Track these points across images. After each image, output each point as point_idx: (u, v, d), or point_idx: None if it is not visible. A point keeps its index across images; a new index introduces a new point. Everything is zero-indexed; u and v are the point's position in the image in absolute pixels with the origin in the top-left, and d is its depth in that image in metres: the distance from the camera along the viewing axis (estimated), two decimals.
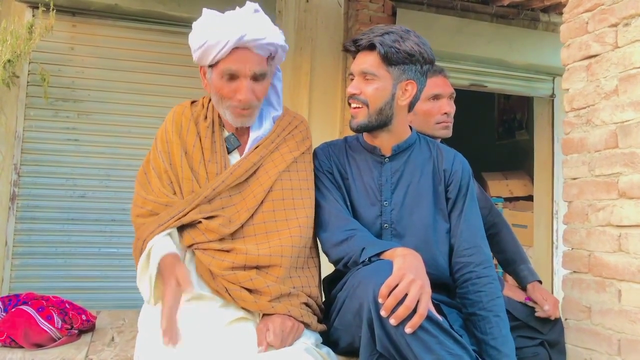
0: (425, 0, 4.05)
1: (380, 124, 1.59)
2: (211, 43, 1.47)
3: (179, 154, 1.55)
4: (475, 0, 4.09)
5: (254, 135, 1.62)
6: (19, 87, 3.39)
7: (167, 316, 1.30)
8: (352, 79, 1.61)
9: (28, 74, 3.44)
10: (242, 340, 1.36)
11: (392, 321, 1.22)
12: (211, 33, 1.48)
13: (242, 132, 1.63)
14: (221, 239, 1.47)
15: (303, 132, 1.70)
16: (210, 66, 1.54)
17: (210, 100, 1.65)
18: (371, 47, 1.54)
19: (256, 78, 1.52)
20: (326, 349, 1.47)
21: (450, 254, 1.62)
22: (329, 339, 1.53)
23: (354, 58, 1.62)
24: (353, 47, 1.59)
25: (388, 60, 1.53)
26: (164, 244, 1.43)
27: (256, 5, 1.57)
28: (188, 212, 1.47)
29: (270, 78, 1.60)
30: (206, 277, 1.45)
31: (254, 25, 1.50)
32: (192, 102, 1.68)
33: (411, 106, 1.62)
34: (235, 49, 1.48)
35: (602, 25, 1.97)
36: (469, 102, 4.60)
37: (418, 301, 1.23)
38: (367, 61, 1.56)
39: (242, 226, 1.51)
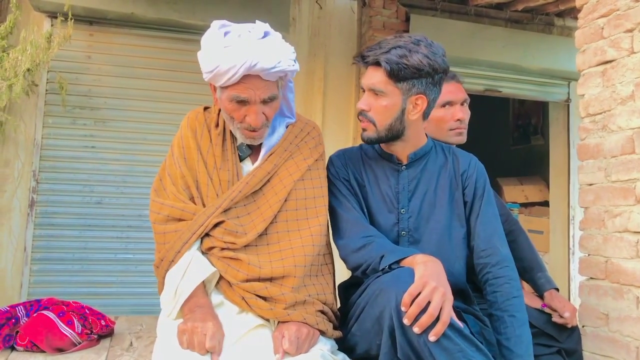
0: (439, 6, 4.06)
1: (391, 137, 1.59)
2: (221, 70, 1.45)
3: (197, 158, 1.56)
4: (489, 5, 4.08)
5: (267, 143, 1.62)
6: (37, 95, 3.46)
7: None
8: (363, 92, 1.61)
9: (47, 83, 3.51)
10: (258, 347, 1.37)
11: (416, 329, 1.23)
12: (222, 59, 1.44)
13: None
14: (235, 250, 1.48)
15: (315, 138, 1.70)
16: (221, 86, 1.52)
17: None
18: (378, 63, 1.52)
19: (266, 102, 1.51)
20: (342, 356, 1.47)
21: (469, 258, 1.62)
22: (344, 345, 1.53)
23: (365, 68, 1.61)
24: (362, 63, 1.57)
25: (395, 76, 1.51)
26: (193, 273, 1.44)
27: (266, 27, 1.54)
28: (207, 225, 1.49)
29: (280, 96, 1.58)
30: (224, 286, 1.47)
31: (265, 53, 1.45)
32: (205, 108, 1.69)
33: (425, 115, 1.62)
34: (245, 76, 1.45)
35: (618, 31, 1.96)
36: (484, 107, 4.59)
37: (441, 309, 1.24)
38: (375, 77, 1.54)
39: (255, 241, 1.52)
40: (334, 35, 4.06)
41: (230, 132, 1.63)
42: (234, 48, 1.45)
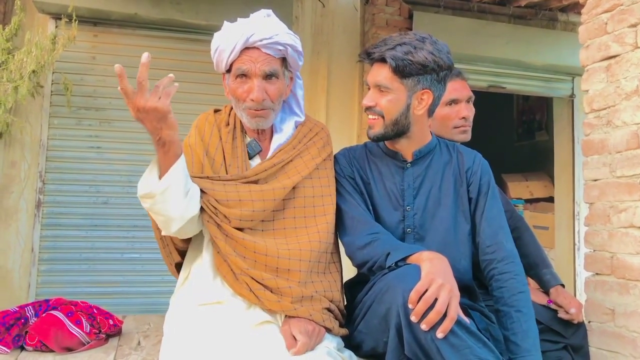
0: (442, 3, 4.05)
1: (397, 133, 1.60)
2: (222, 47, 1.56)
3: (202, 154, 1.58)
4: (492, 1, 4.07)
5: (276, 140, 1.64)
6: (43, 96, 3.47)
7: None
8: (368, 89, 1.62)
9: (52, 84, 3.52)
10: (267, 343, 1.37)
11: (424, 326, 1.24)
12: (223, 38, 1.57)
13: (263, 138, 1.65)
14: (242, 230, 1.49)
15: (324, 138, 1.72)
16: (228, 72, 1.60)
17: (232, 107, 1.69)
18: (383, 60, 1.54)
19: (268, 77, 1.55)
20: (348, 353, 1.48)
21: (474, 254, 1.63)
22: (351, 343, 1.54)
23: (370, 65, 1.63)
24: (367, 60, 1.60)
25: (401, 72, 1.52)
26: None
27: (269, 11, 1.62)
28: (204, 178, 1.52)
29: (284, 79, 1.61)
30: (229, 278, 1.47)
31: (263, 27, 1.55)
32: (216, 111, 1.72)
33: (430, 112, 1.63)
34: (245, 49, 1.54)
35: (622, 26, 1.95)
36: (488, 103, 4.59)
37: (448, 305, 1.25)
38: (380, 74, 1.56)
39: (262, 230, 1.53)
40: (337, 33, 4.06)
41: (241, 130, 1.65)
42: (234, 26, 1.58)
